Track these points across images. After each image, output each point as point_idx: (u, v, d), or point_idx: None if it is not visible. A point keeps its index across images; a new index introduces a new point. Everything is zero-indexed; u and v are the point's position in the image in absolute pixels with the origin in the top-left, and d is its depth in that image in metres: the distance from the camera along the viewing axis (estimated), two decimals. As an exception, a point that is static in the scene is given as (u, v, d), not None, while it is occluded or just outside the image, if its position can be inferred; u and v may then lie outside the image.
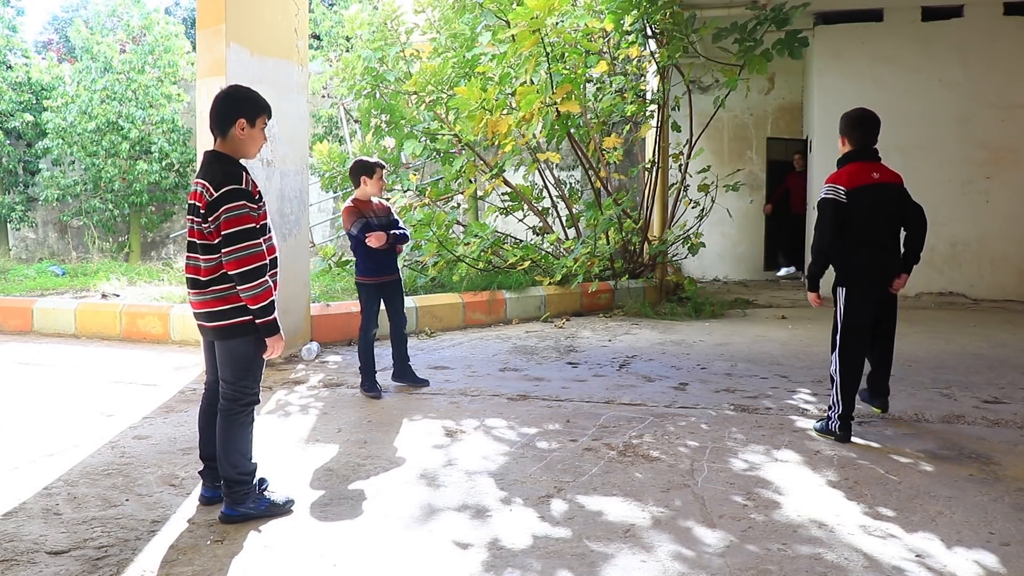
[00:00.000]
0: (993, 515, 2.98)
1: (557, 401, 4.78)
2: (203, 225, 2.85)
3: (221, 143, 2.95)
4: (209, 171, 2.89)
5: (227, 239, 2.80)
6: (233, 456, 2.97)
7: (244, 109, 2.94)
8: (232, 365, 2.96)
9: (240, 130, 2.93)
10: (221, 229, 2.81)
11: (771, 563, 2.60)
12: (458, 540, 2.83)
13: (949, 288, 9.29)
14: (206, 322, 2.96)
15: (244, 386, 2.98)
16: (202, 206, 2.84)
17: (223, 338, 2.94)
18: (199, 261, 2.90)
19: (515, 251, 8.66)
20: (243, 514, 2.98)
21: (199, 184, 2.89)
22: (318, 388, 5.21)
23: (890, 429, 4.13)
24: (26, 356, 6.42)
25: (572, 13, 8.02)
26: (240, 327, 2.92)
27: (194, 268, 2.94)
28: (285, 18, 6.11)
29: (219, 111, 2.94)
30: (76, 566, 2.62)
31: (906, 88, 9.25)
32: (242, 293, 2.85)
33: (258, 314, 2.89)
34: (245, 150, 2.98)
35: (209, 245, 2.86)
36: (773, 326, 7.51)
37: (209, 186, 2.83)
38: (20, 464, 3.67)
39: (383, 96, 9.09)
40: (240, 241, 2.81)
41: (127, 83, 14.29)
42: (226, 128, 2.93)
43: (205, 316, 2.94)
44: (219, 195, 2.81)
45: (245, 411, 3.00)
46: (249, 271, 2.82)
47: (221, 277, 2.88)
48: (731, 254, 11.69)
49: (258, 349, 2.97)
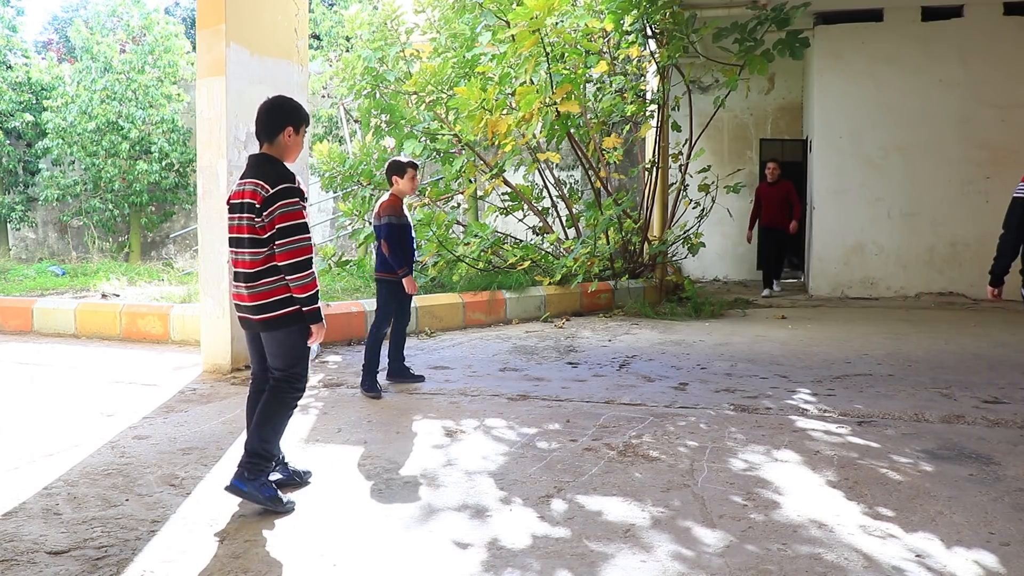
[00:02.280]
0: (993, 515, 2.98)
1: (557, 401, 4.77)
2: (255, 220, 3.02)
3: (268, 147, 3.16)
4: (261, 171, 3.08)
5: (281, 232, 3.00)
6: (266, 431, 3.12)
7: (291, 118, 3.17)
8: (283, 355, 3.14)
9: (287, 137, 3.16)
10: (275, 223, 3.00)
11: (771, 563, 2.60)
12: (458, 540, 2.83)
13: (949, 288, 9.29)
14: (254, 315, 3.11)
15: (295, 373, 3.17)
16: (257, 202, 3.02)
17: (271, 328, 3.11)
18: (246, 255, 3.08)
19: (515, 251, 8.66)
20: (249, 493, 3.05)
21: (250, 183, 3.06)
22: (318, 388, 5.21)
23: (890, 429, 4.13)
24: (26, 356, 6.42)
25: (572, 13, 8.02)
26: (286, 317, 3.09)
27: (243, 263, 3.10)
28: (285, 18, 6.11)
29: (268, 119, 3.15)
30: (76, 566, 2.62)
31: (906, 88, 9.25)
32: (292, 283, 3.04)
33: (305, 303, 3.07)
34: (289, 155, 3.20)
35: (259, 239, 3.04)
36: (773, 326, 7.51)
37: (264, 184, 3.03)
38: (20, 464, 3.67)
39: (383, 96, 9.09)
40: (293, 235, 3.01)
41: (127, 83, 14.29)
42: (274, 135, 3.14)
43: (254, 309, 3.10)
44: (275, 191, 3.01)
45: (295, 395, 3.19)
46: (299, 262, 3.02)
47: (270, 270, 3.06)
48: (731, 254, 11.69)
49: (303, 337, 3.14)
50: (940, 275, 9.32)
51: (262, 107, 3.17)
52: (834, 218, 9.45)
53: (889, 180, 9.34)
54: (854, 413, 4.42)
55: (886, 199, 9.38)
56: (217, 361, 5.65)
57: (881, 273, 9.48)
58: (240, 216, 3.09)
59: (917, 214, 9.33)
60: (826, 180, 9.44)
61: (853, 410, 4.48)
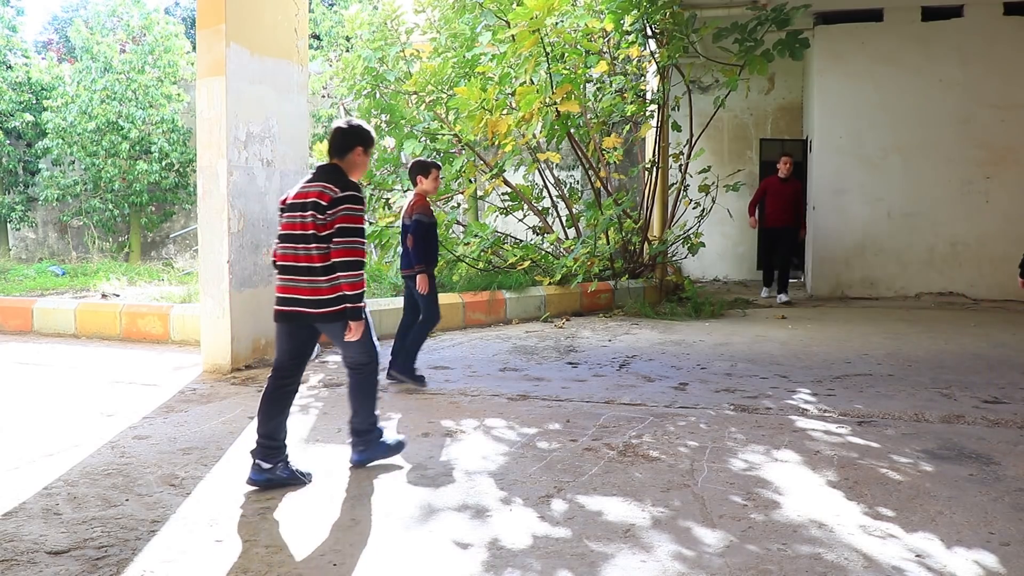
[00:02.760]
0: (993, 515, 2.98)
1: (557, 401, 4.77)
2: (318, 218, 3.27)
3: (339, 161, 3.47)
4: (331, 177, 3.36)
5: (341, 231, 3.27)
6: (364, 410, 3.57)
7: (363, 140, 3.50)
8: (360, 342, 3.44)
9: (357, 155, 3.49)
10: (336, 222, 3.27)
11: (771, 563, 2.60)
12: (458, 540, 2.83)
13: (949, 288, 9.29)
14: (313, 308, 3.33)
15: (370, 354, 3.54)
16: (324, 201, 3.28)
17: (330, 321, 3.35)
18: (311, 250, 3.30)
19: (515, 251, 8.66)
20: (367, 459, 3.58)
21: (318, 186, 3.33)
22: (318, 388, 5.21)
23: (890, 429, 4.13)
24: (26, 356, 6.42)
25: (572, 13, 8.02)
26: (343, 312, 3.36)
27: (303, 257, 3.33)
28: (285, 18, 6.11)
29: (343, 138, 3.47)
30: (76, 566, 2.62)
31: (906, 88, 9.26)
32: (344, 280, 3.30)
33: (353, 299, 3.33)
34: (356, 171, 3.53)
35: (322, 236, 3.29)
36: (773, 326, 7.51)
37: (334, 187, 3.31)
38: (20, 464, 3.67)
39: (383, 96, 9.09)
40: (351, 236, 3.29)
41: (127, 83, 14.29)
42: (345, 152, 3.47)
43: (312, 303, 3.33)
44: (344, 195, 3.29)
45: (375, 370, 3.59)
46: (352, 261, 3.29)
47: (333, 266, 3.30)
48: (731, 254, 11.70)
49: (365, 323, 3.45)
50: (940, 275, 9.32)
51: (339, 128, 3.49)
52: (834, 218, 9.45)
53: (889, 180, 9.34)
54: (854, 413, 4.42)
55: (886, 199, 9.38)
56: (217, 361, 5.65)
57: (881, 273, 9.48)
58: (303, 214, 3.32)
59: (917, 214, 9.33)
60: (826, 180, 9.45)
61: (853, 410, 4.48)
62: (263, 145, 5.87)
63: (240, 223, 5.66)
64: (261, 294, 5.89)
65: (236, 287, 5.64)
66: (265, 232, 5.93)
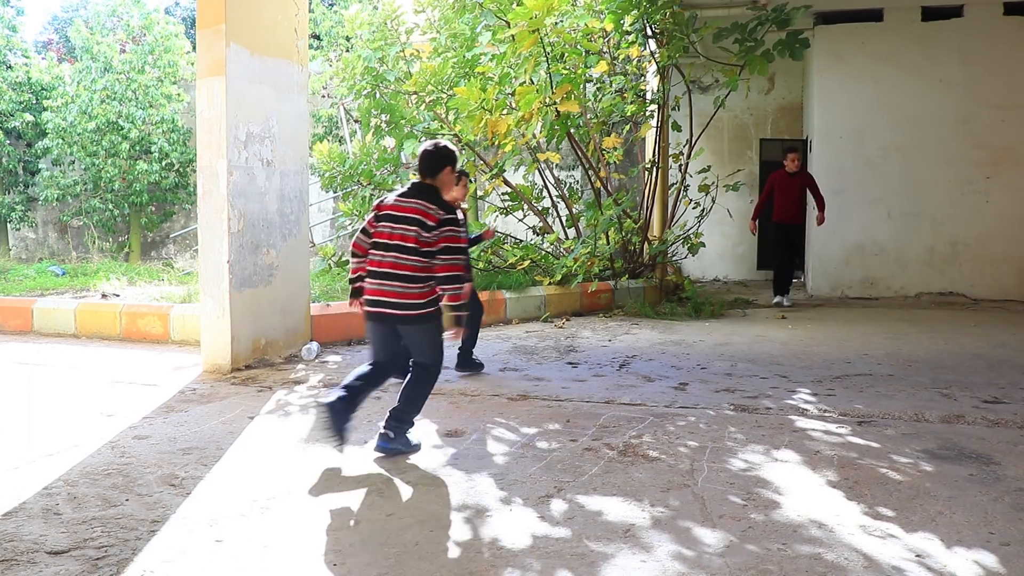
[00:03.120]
0: (993, 515, 2.98)
1: (557, 401, 4.78)
2: (422, 234, 3.63)
3: (431, 180, 3.78)
4: (431, 198, 3.71)
5: (446, 250, 3.66)
6: (412, 405, 3.80)
7: (452, 160, 3.83)
8: (430, 346, 3.78)
9: (446, 175, 3.82)
10: (442, 241, 3.65)
11: (771, 563, 2.60)
12: (458, 540, 2.83)
13: (949, 288, 9.29)
14: (406, 311, 3.66)
15: (436, 358, 3.83)
16: (431, 220, 3.64)
17: (421, 323, 3.70)
18: (410, 260, 3.64)
19: (515, 251, 8.66)
20: (394, 448, 3.74)
21: (419, 203, 3.68)
22: (318, 388, 5.21)
23: (890, 429, 4.13)
24: (26, 356, 6.42)
25: (572, 13, 8.01)
26: (433, 315, 3.73)
27: (400, 265, 3.66)
28: (285, 18, 6.11)
29: (433, 160, 3.78)
30: (76, 566, 2.62)
31: (906, 88, 9.26)
32: (448, 291, 3.68)
33: (456, 308, 3.75)
34: (447, 189, 3.87)
35: (422, 250, 3.64)
36: (773, 326, 7.51)
37: (439, 209, 3.67)
38: (20, 464, 3.67)
39: (383, 96, 9.09)
40: (456, 253, 3.69)
41: (127, 83, 14.29)
42: (436, 172, 3.79)
43: (407, 306, 3.65)
44: (448, 217, 3.68)
45: (437, 376, 3.87)
46: (456, 276, 3.68)
47: (429, 276, 3.67)
48: (731, 254, 11.70)
49: (440, 332, 3.81)
50: (940, 275, 9.32)
51: (426, 150, 3.80)
52: (834, 218, 9.44)
53: (889, 180, 9.34)
54: (854, 413, 4.43)
55: (886, 199, 9.38)
56: (217, 361, 5.65)
57: (881, 273, 9.48)
58: (405, 227, 3.65)
59: (917, 214, 9.33)
60: (826, 180, 9.45)
61: (853, 410, 4.48)
62: (263, 145, 5.88)
63: (240, 223, 5.66)
64: (261, 294, 5.89)
65: (236, 287, 5.64)
66: (265, 232, 5.93)
